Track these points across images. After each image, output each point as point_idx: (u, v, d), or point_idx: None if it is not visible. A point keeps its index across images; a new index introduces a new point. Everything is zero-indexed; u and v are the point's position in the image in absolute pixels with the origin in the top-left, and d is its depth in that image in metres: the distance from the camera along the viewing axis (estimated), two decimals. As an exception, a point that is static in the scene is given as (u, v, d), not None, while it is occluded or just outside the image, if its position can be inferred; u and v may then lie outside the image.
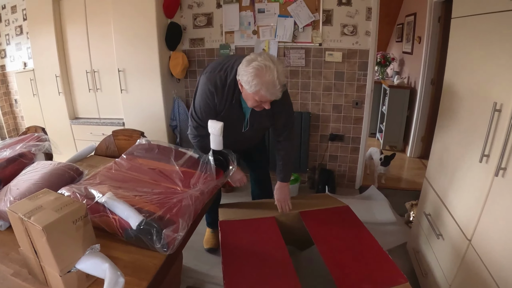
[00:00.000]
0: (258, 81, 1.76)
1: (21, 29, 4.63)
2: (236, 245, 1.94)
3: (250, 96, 1.88)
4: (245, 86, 1.84)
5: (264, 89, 1.78)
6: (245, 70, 1.80)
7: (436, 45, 4.49)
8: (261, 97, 1.83)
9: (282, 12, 3.53)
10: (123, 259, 1.33)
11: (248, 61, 1.81)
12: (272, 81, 1.76)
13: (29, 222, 1.08)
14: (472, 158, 1.71)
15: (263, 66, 1.76)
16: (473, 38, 1.80)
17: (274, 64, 1.78)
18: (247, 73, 1.79)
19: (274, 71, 1.76)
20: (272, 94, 1.81)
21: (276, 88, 1.79)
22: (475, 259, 1.63)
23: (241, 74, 1.83)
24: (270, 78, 1.76)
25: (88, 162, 2.35)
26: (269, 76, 1.76)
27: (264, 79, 1.76)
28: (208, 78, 2.03)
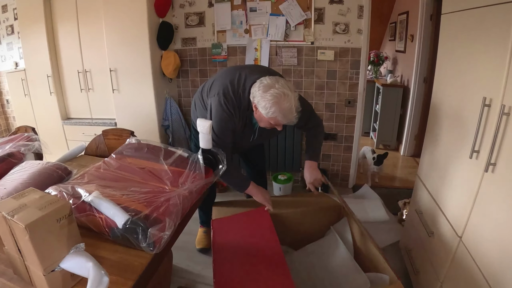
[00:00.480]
0: (277, 108, 1.83)
1: (12, 28, 4.59)
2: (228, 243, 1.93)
3: (265, 120, 1.94)
4: (261, 110, 1.89)
5: (281, 115, 1.85)
6: (263, 96, 1.85)
7: (428, 43, 4.50)
8: (276, 121, 1.91)
9: (274, 10, 3.52)
10: (109, 258, 1.31)
11: (265, 86, 1.86)
12: (290, 108, 1.83)
13: (13, 220, 1.06)
14: (463, 154, 1.71)
15: (282, 94, 1.82)
16: (463, 33, 1.80)
17: (291, 91, 1.85)
18: (265, 100, 1.84)
19: (291, 99, 1.83)
20: (288, 120, 1.89)
21: (293, 115, 1.87)
22: (466, 255, 1.63)
23: (258, 100, 1.88)
24: (288, 105, 1.83)
25: (78, 161, 2.34)
26: (287, 103, 1.82)
27: (282, 106, 1.82)
28: (223, 103, 2.05)
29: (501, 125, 1.37)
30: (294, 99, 1.85)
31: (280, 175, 3.93)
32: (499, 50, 1.41)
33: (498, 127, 1.38)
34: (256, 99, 1.90)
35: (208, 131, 1.92)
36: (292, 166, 4.01)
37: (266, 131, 2.21)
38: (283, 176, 3.91)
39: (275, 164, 4.05)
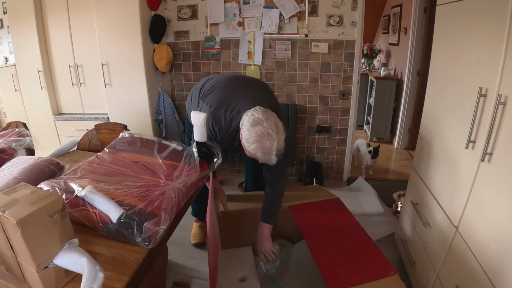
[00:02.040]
0: (257, 145, 1.79)
1: (2, 23, 4.52)
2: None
3: (247, 152, 1.91)
4: (244, 143, 1.86)
5: (260, 153, 1.81)
6: (248, 130, 1.81)
7: (422, 36, 4.51)
8: (257, 158, 1.87)
9: (268, 3, 3.49)
10: (104, 254, 1.29)
11: (254, 121, 1.82)
12: (270, 150, 1.79)
13: (4, 216, 1.04)
14: (459, 145, 1.71)
15: (266, 134, 1.78)
16: (458, 24, 1.80)
17: (276, 134, 1.80)
18: (249, 135, 1.81)
19: (274, 142, 1.78)
20: (266, 159, 1.84)
21: (271, 157, 1.81)
22: (462, 245, 1.64)
23: (244, 131, 1.85)
24: (268, 146, 1.78)
25: (70, 156, 2.31)
26: (268, 144, 1.78)
27: (263, 145, 1.78)
28: (213, 115, 2.03)
29: (497, 115, 1.38)
30: (278, 142, 1.80)
31: (274, 168, 3.91)
32: (495, 40, 1.41)
33: (494, 116, 1.38)
34: (242, 130, 1.86)
35: (203, 124, 1.90)
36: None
37: None
38: (277, 169, 3.88)
39: (270, 158, 4.02)
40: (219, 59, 3.85)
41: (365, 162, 4.09)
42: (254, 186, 2.91)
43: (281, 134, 1.82)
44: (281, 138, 1.81)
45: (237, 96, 2.07)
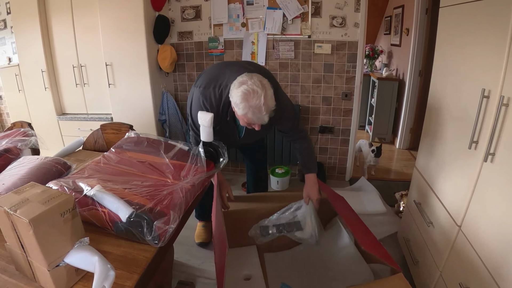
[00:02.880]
0: (245, 105, 1.79)
1: (5, 23, 4.54)
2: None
3: (240, 117, 1.91)
4: (235, 108, 1.87)
5: (250, 113, 1.80)
6: (235, 92, 1.82)
7: (424, 37, 4.51)
8: (249, 120, 1.86)
9: (271, 4, 3.50)
10: (113, 252, 1.31)
11: (239, 83, 1.82)
12: (258, 106, 1.78)
13: (15, 215, 1.05)
14: (461, 145, 1.72)
15: (251, 91, 1.77)
16: (461, 26, 1.81)
17: (262, 89, 1.79)
18: (236, 96, 1.81)
19: (261, 97, 1.77)
20: (258, 118, 1.83)
21: (262, 114, 1.80)
22: (465, 244, 1.65)
23: (232, 96, 1.85)
24: (256, 103, 1.77)
25: (76, 156, 2.33)
26: (256, 101, 1.77)
27: (250, 103, 1.78)
28: (202, 94, 2.05)
29: (500, 116, 1.39)
30: (265, 98, 1.78)
31: (277, 168, 3.94)
32: (498, 42, 1.42)
33: (497, 118, 1.40)
34: (231, 97, 1.87)
35: (210, 124, 1.91)
36: (290, 160, 4.03)
37: (252, 132, 2.17)
38: (280, 169, 3.92)
39: (273, 158, 4.05)
40: (222, 60, 3.86)
41: (367, 162, 4.11)
42: (256, 187, 2.93)
43: (268, 90, 1.81)
44: (268, 94, 1.81)
45: (224, 72, 2.10)
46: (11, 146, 2.05)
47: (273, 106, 1.85)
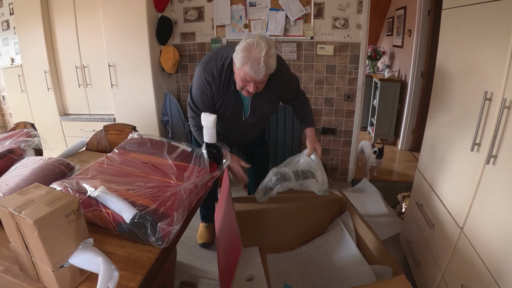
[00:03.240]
0: (245, 54, 1.80)
1: (8, 24, 4.56)
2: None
3: (237, 74, 1.92)
4: (235, 61, 1.88)
5: (248, 64, 1.81)
6: (239, 46, 1.84)
7: (426, 38, 4.52)
8: (245, 74, 1.86)
9: (274, 5, 3.51)
10: (117, 253, 1.31)
11: (245, 39, 1.85)
12: (258, 58, 1.78)
13: (20, 216, 1.06)
14: (464, 147, 1.73)
15: (255, 42, 1.79)
16: (464, 28, 1.81)
17: (266, 44, 1.80)
18: (239, 48, 1.83)
19: (263, 50, 1.78)
20: (255, 71, 1.83)
21: (260, 67, 1.80)
22: (467, 246, 1.66)
23: (235, 51, 1.87)
24: (257, 55, 1.78)
25: (79, 157, 2.33)
26: (257, 53, 1.78)
27: (251, 54, 1.79)
28: (204, 69, 2.06)
29: (502, 119, 1.40)
30: (267, 53, 1.79)
31: (279, 169, 3.92)
32: (501, 44, 1.42)
33: (499, 120, 1.41)
34: (234, 53, 1.89)
35: (213, 125, 1.91)
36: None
37: (258, 106, 2.20)
38: (282, 170, 3.90)
39: (275, 158, 4.06)
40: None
41: (369, 163, 4.11)
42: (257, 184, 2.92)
43: (272, 48, 1.82)
44: (271, 51, 1.82)
45: (225, 48, 2.14)
46: (14, 146, 2.05)
47: (273, 66, 1.86)
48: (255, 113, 2.24)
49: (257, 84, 1.93)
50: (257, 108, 2.21)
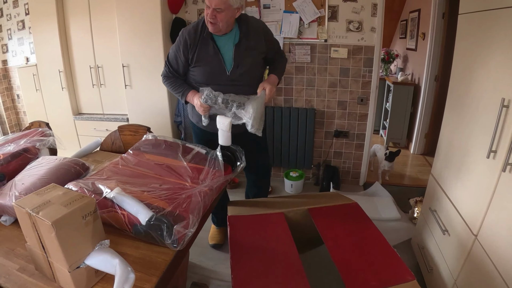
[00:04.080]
0: None
1: (23, 23, 4.61)
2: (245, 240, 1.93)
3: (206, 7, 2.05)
4: None
5: None
6: None
7: (440, 42, 4.48)
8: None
9: (288, 7, 3.50)
10: (131, 255, 1.32)
11: None
12: None
13: (38, 217, 1.07)
14: (479, 154, 1.71)
15: None
16: (481, 33, 1.79)
17: None
18: None
19: None
20: None
21: None
22: (481, 254, 1.64)
23: None
24: None
25: (94, 157, 2.35)
26: None
27: None
28: (183, 29, 2.22)
29: (520, 126, 1.38)
30: None
31: (291, 172, 3.94)
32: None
33: (517, 128, 1.39)
34: None
35: (228, 128, 1.91)
36: (304, 163, 4.02)
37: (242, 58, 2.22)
38: (294, 173, 3.92)
39: (287, 161, 4.06)
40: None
41: (381, 167, 4.09)
42: (254, 194, 2.93)
43: None
44: None
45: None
46: (29, 145, 2.07)
47: None
48: (239, 67, 2.24)
49: (214, 12, 2.02)
50: (240, 60, 2.22)
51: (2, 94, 5.17)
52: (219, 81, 2.22)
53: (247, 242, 1.92)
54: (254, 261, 1.76)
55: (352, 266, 1.75)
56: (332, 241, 1.96)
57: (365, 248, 1.91)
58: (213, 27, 2.09)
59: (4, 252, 1.39)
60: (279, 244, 1.91)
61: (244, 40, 2.18)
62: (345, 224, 2.16)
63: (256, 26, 2.24)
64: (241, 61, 2.21)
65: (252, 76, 2.33)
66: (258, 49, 2.26)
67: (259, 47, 2.26)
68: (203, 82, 2.23)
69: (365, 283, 1.64)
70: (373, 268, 1.74)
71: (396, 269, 1.74)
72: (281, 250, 1.85)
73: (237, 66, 2.21)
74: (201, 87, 2.15)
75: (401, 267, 1.73)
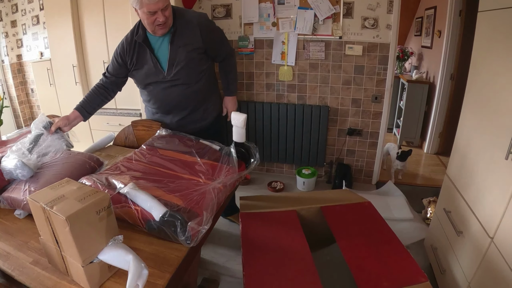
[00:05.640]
0: None
1: (38, 19, 4.65)
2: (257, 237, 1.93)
3: (142, 14, 2.05)
4: (134, 6, 2.03)
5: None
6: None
7: (456, 40, 4.41)
8: (147, 6, 1.98)
9: (302, 4, 3.48)
10: (144, 250, 1.32)
11: None
12: None
13: (52, 211, 1.07)
14: (498, 155, 1.67)
15: None
16: (501, 32, 1.75)
17: None
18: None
19: None
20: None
21: None
22: (497, 257, 1.61)
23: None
24: None
25: (107, 152, 2.35)
26: None
27: None
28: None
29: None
30: None
31: (304, 169, 3.93)
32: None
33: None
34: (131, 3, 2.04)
35: (243, 125, 1.90)
36: (316, 161, 4.01)
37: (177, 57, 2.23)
38: (307, 170, 3.91)
39: (299, 158, 4.05)
40: (252, 59, 3.85)
41: (394, 166, 4.05)
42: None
43: None
44: None
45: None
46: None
47: None
48: (174, 65, 2.24)
49: (163, 12, 2.04)
50: (174, 58, 2.23)
51: (17, 88, 5.23)
52: (157, 82, 2.29)
53: (259, 239, 1.91)
54: (266, 258, 1.75)
55: (365, 266, 1.73)
56: (344, 240, 1.94)
57: (378, 248, 1.90)
58: (164, 29, 2.14)
59: (18, 245, 1.40)
60: (291, 242, 1.90)
61: (178, 37, 2.19)
62: (358, 223, 2.15)
63: (190, 20, 2.22)
64: (175, 59, 2.22)
65: (189, 74, 2.32)
66: (193, 44, 2.24)
67: (194, 43, 2.24)
68: (142, 84, 2.37)
69: (377, 284, 1.63)
70: (385, 268, 1.73)
71: (409, 270, 1.72)
72: (293, 248, 1.84)
73: (172, 64, 2.23)
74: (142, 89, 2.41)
75: (414, 268, 1.71)
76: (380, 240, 1.98)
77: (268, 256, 1.78)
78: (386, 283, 1.64)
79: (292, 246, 1.87)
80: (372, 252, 1.85)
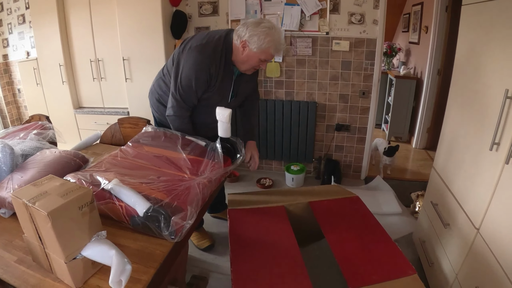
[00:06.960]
0: (270, 39, 1.93)
1: (24, 18, 4.60)
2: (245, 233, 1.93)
3: (255, 56, 2.00)
4: (254, 45, 1.96)
5: (273, 47, 1.96)
6: (255, 31, 1.93)
7: (443, 35, 4.45)
8: (268, 55, 2.01)
9: (289, 0, 3.48)
10: (129, 246, 1.31)
11: (254, 23, 1.96)
12: (280, 39, 1.99)
13: (34, 207, 1.06)
14: (482, 146, 1.69)
15: (272, 26, 1.95)
16: (484, 24, 1.77)
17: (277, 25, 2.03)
18: (258, 33, 1.93)
19: (280, 32, 1.99)
20: (279, 51, 2.04)
21: (283, 45, 2.03)
22: (483, 247, 1.63)
23: (250, 35, 1.95)
24: (278, 37, 1.97)
25: (93, 150, 2.34)
26: (277, 35, 1.96)
27: (274, 37, 1.94)
28: (198, 51, 2.00)
29: (524, 118, 1.36)
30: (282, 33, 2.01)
31: (292, 165, 3.93)
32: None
33: (520, 119, 1.37)
34: (246, 36, 1.95)
35: (228, 120, 1.89)
36: (305, 157, 4.02)
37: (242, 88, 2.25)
38: (295, 166, 3.91)
39: (288, 155, 4.06)
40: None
41: (383, 161, 4.07)
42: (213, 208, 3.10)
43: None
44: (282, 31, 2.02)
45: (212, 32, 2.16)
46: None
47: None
48: (237, 96, 2.28)
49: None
50: (240, 90, 2.26)
51: (3, 88, 5.17)
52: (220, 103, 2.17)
53: (247, 235, 1.91)
54: (254, 255, 1.75)
55: (353, 260, 1.74)
56: (333, 234, 1.95)
57: (366, 242, 1.91)
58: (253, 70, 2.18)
59: (2, 244, 1.38)
60: (280, 238, 1.90)
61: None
62: (346, 217, 2.15)
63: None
64: (239, 91, 2.27)
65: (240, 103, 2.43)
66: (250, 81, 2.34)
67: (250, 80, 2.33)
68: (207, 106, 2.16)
69: (365, 277, 1.64)
70: (374, 262, 1.73)
71: (397, 263, 1.73)
72: (282, 244, 1.84)
73: (236, 95, 2.26)
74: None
75: (402, 261, 1.72)
76: (368, 234, 1.98)
77: (256, 252, 1.78)
78: (375, 277, 1.64)
79: (280, 241, 1.86)
80: (361, 246, 1.85)
